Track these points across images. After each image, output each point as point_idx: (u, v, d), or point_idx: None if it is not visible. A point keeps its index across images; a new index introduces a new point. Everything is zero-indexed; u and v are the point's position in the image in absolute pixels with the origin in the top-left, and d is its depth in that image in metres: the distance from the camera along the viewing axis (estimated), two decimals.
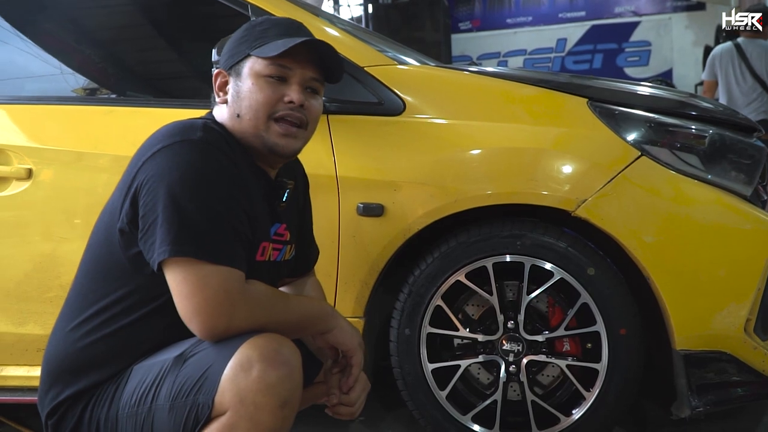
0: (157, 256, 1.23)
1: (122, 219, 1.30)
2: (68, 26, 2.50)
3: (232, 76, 1.44)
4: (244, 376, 1.19)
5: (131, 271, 1.33)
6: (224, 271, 1.24)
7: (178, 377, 1.25)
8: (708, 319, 1.80)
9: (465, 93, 2.01)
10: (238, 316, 1.24)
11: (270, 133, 1.42)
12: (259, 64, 1.40)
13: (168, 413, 1.25)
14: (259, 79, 1.40)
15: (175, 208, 1.23)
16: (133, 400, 1.29)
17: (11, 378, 2.10)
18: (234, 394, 1.19)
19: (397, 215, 1.88)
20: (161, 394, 1.26)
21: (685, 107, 1.99)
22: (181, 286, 1.23)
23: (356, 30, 2.49)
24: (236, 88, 1.42)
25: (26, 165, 2.04)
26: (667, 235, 1.79)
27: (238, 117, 1.42)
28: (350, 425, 2.30)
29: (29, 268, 2.06)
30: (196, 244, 1.23)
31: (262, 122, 1.41)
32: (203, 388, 1.22)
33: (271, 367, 1.20)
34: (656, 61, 10.29)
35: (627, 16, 10.50)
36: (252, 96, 1.40)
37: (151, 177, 1.26)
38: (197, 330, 1.24)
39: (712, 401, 1.81)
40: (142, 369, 1.32)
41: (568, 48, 10.61)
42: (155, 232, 1.24)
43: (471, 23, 11.12)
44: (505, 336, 1.93)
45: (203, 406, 1.21)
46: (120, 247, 1.33)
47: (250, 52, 1.41)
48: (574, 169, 1.85)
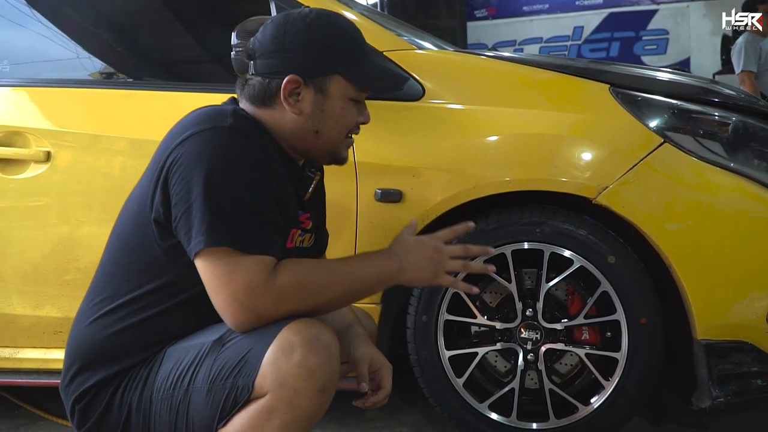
0: (193, 246, 1.23)
1: (156, 209, 1.29)
2: (87, 10, 2.49)
3: (311, 88, 1.37)
4: (286, 360, 1.19)
5: (166, 262, 1.32)
6: (252, 262, 1.23)
7: (217, 360, 1.25)
8: (729, 308, 1.78)
9: (484, 78, 1.99)
10: (267, 306, 1.23)
11: (342, 148, 1.46)
12: (351, 89, 1.40)
13: (206, 395, 1.25)
14: (348, 103, 1.41)
15: (208, 197, 1.22)
16: (168, 383, 1.29)
17: (28, 360, 2.11)
18: (275, 377, 1.19)
19: (416, 201, 1.86)
20: (199, 377, 1.26)
21: (707, 94, 1.96)
22: (211, 279, 1.24)
23: (374, 14, 2.47)
24: (319, 105, 1.38)
25: (45, 148, 2.04)
26: (689, 223, 1.77)
27: (317, 133, 1.41)
28: (366, 412, 2.29)
29: (47, 251, 2.06)
30: (229, 234, 1.22)
31: (341, 140, 1.44)
32: (243, 370, 1.22)
33: (312, 352, 1.20)
34: (674, 49, 10.17)
35: (644, 4, 10.38)
36: (341, 120, 1.41)
37: (181, 165, 1.25)
38: (229, 322, 1.25)
39: (732, 391, 1.78)
40: (177, 351, 1.32)
41: (585, 36, 10.50)
42: (189, 221, 1.23)
43: (487, 11, 11.02)
44: (524, 324, 1.91)
45: (243, 388, 1.21)
46: (155, 238, 1.31)
47: (342, 72, 1.38)
48: (594, 155, 1.83)
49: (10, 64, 2.32)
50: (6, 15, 2.38)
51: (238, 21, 1.68)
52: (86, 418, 1.36)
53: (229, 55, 1.44)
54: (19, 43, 2.39)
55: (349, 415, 2.25)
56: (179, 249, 1.28)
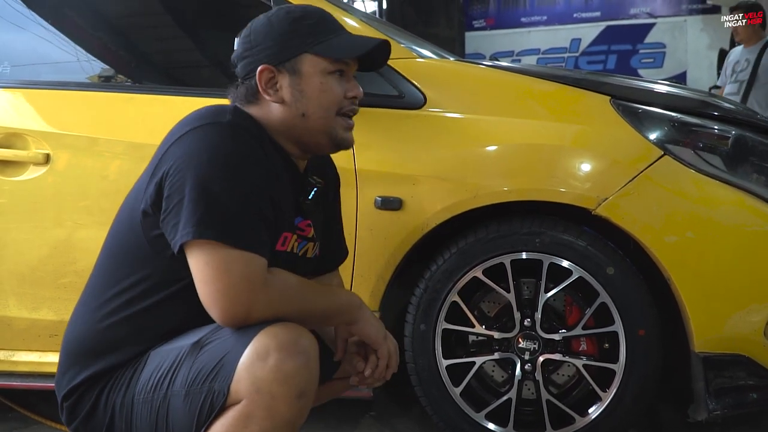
0: (180, 237, 1.21)
1: (146, 200, 1.29)
2: (87, 13, 2.49)
3: (285, 73, 1.39)
4: (261, 365, 1.17)
5: (151, 253, 1.31)
6: (247, 257, 1.22)
7: (194, 364, 1.24)
8: (727, 321, 1.79)
9: (485, 88, 2.00)
10: (259, 304, 1.22)
11: (338, 129, 1.43)
12: (324, 62, 1.39)
13: (183, 399, 1.24)
14: (327, 77, 1.39)
15: (202, 189, 1.21)
16: (149, 386, 1.28)
17: (23, 363, 2.10)
18: (250, 382, 1.17)
19: (416, 209, 1.86)
20: (177, 381, 1.25)
21: (707, 107, 1.97)
22: (203, 270, 1.22)
23: (373, 21, 2.47)
24: (297, 87, 1.39)
25: (44, 150, 2.04)
26: (688, 236, 1.78)
27: (304, 116, 1.40)
28: (362, 420, 2.28)
29: (44, 254, 2.05)
30: (221, 228, 1.21)
31: (332, 119, 1.42)
32: (219, 375, 1.21)
33: (288, 357, 1.18)
34: (671, 63, 10.22)
35: (642, 18, 10.43)
36: (323, 95, 1.40)
37: (178, 158, 1.25)
38: (217, 316, 1.23)
39: (729, 405, 1.79)
40: (159, 355, 1.31)
41: (582, 48, 10.54)
42: (180, 213, 1.22)
43: (485, 21, 11.06)
44: (521, 334, 1.91)
45: (218, 393, 1.20)
46: (142, 228, 1.31)
47: (309, 50, 1.38)
48: (594, 166, 1.83)
49: (10, 66, 2.31)
50: (6, 17, 2.38)
51: (239, 25, 1.68)
52: (74, 415, 1.36)
53: (230, 60, 1.44)
54: (19, 45, 2.38)
55: (344, 423, 2.24)
56: (164, 240, 1.27)
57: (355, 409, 2.35)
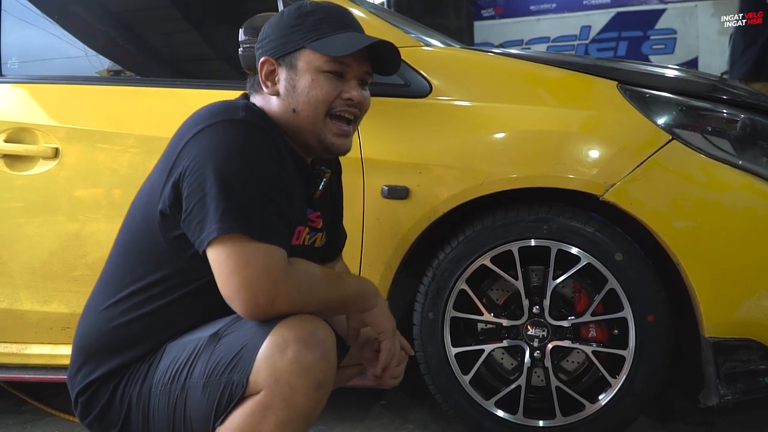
0: (206, 235, 1.21)
1: (164, 201, 1.29)
2: (95, 7, 2.50)
3: (284, 67, 1.39)
4: (280, 356, 1.18)
5: (170, 253, 1.32)
6: (269, 249, 1.22)
7: (212, 355, 1.25)
8: (737, 306, 1.77)
9: (492, 75, 1.99)
10: (282, 294, 1.22)
11: (326, 132, 1.41)
12: (320, 59, 1.37)
13: (202, 391, 1.25)
14: (319, 75, 1.37)
15: (222, 186, 1.21)
16: (166, 378, 1.29)
17: (35, 356, 2.12)
18: (269, 373, 1.18)
19: (423, 198, 1.86)
20: (195, 372, 1.26)
21: (715, 91, 1.95)
22: (225, 263, 1.21)
23: (381, 11, 2.47)
24: (291, 82, 1.39)
25: (53, 144, 2.05)
26: (697, 221, 1.77)
27: (294, 112, 1.39)
28: (372, 409, 2.29)
29: (55, 247, 2.07)
30: (244, 222, 1.21)
31: (320, 119, 1.39)
32: (238, 366, 1.22)
33: (307, 349, 1.19)
34: (682, 49, 10.12)
35: (652, 4, 10.33)
36: (312, 93, 1.38)
37: (195, 157, 1.25)
38: (239, 308, 1.23)
39: (740, 390, 1.78)
40: (176, 347, 1.32)
41: (592, 35, 10.46)
42: (203, 211, 1.22)
43: (494, 10, 10.98)
44: (530, 321, 1.91)
45: (237, 384, 1.21)
46: (159, 229, 1.32)
47: (306, 45, 1.37)
48: (602, 152, 1.82)
49: (18, 61, 2.32)
50: (15, 13, 2.39)
51: (245, 18, 1.68)
52: (89, 410, 1.37)
53: (237, 52, 1.44)
54: (28, 40, 2.39)
55: (354, 411, 2.25)
56: (183, 240, 1.28)
57: (366, 399, 2.36)
